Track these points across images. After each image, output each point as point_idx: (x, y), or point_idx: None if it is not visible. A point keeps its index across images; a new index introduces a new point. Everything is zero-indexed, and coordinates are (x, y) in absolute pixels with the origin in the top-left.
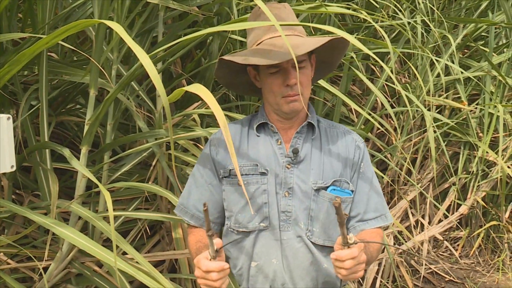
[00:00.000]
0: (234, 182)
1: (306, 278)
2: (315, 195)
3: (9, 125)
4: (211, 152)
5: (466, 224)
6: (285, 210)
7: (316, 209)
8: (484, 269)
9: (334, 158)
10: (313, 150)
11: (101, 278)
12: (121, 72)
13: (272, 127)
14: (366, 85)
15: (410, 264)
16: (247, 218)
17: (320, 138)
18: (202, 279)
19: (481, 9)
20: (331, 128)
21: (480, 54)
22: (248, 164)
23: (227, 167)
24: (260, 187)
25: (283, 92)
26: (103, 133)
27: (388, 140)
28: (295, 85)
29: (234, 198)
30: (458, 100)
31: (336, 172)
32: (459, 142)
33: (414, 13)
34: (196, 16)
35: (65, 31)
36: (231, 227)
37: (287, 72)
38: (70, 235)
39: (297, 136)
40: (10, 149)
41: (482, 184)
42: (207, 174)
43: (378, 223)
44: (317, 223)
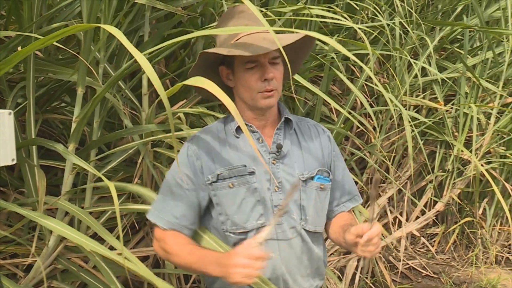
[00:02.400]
0: (224, 186)
1: (300, 267)
2: (303, 185)
3: (10, 119)
4: (189, 159)
5: (442, 221)
6: (277, 204)
7: (306, 199)
8: (458, 264)
9: (312, 149)
10: (292, 144)
11: (88, 274)
12: (108, 71)
13: (251, 127)
14: (346, 85)
15: (388, 260)
16: (243, 219)
17: (296, 132)
18: (245, 268)
19: (457, 12)
20: (301, 121)
21: (455, 56)
22: (236, 166)
23: (214, 172)
24: (251, 186)
25: (259, 87)
26: (89, 131)
27: (367, 139)
28: (272, 79)
29: (228, 201)
30: (435, 100)
31: (317, 162)
32: (436, 141)
33: (393, 16)
34: (181, 17)
35: (61, 33)
36: (227, 231)
37: (264, 67)
38: (59, 228)
39: (278, 133)
40: (11, 143)
41: (457, 182)
42: (184, 180)
43: (352, 204)
44: (309, 211)
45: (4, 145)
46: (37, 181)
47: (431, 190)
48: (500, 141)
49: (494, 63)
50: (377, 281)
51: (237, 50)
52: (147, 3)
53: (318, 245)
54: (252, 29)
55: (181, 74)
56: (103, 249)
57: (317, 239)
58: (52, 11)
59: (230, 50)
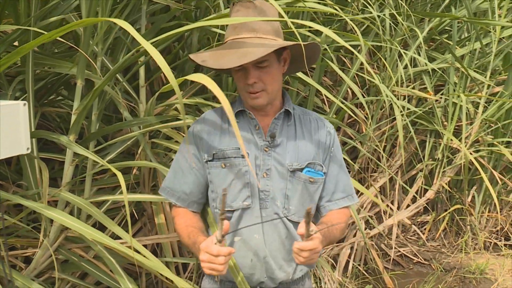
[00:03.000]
0: (218, 165)
1: (282, 251)
2: (291, 176)
3: (25, 110)
4: (195, 137)
5: (432, 209)
6: (263, 189)
7: (292, 189)
8: (448, 251)
9: (308, 142)
10: (289, 135)
11: (88, 263)
12: (105, 63)
13: (249, 114)
14: (337, 76)
15: (380, 248)
16: (231, 198)
17: (294, 124)
18: (209, 263)
19: (445, 4)
20: (304, 115)
21: (444, 47)
22: (231, 148)
23: (211, 151)
24: (242, 168)
25: (246, 88)
26: (87, 124)
27: (358, 129)
28: (255, 83)
29: (219, 180)
30: (425, 91)
31: (310, 155)
32: (426, 130)
33: (383, 7)
34: (177, 10)
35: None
36: (217, 208)
37: (247, 72)
38: (63, 218)
39: (275, 122)
40: (25, 132)
41: (447, 170)
42: (190, 159)
43: (345, 203)
44: (293, 201)
45: (19, 135)
46: (37, 174)
47: (421, 179)
48: (488, 130)
49: (482, 53)
50: (369, 268)
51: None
52: None
53: None
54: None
55: (175, 67)
56: (110, 241)
57: None
58: (50, 5)
59: (204, 61)
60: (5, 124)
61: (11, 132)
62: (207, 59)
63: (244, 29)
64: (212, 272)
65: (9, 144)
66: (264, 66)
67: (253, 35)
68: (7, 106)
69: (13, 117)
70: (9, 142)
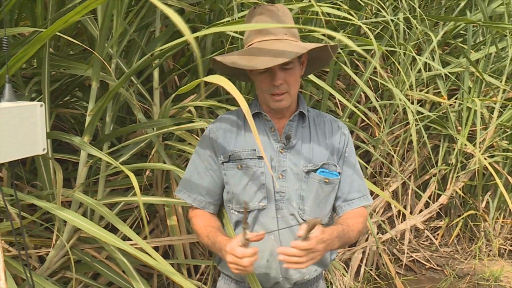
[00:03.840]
0: (234, 167)
1: None
2: (306, 177)
3: (41, 111)
4: (211, 139)
5: (445, 214)
6: (279, 190)
7: (307, 190)
8: (462, 257)
9: (322, 143)
10: (303, 137)
11: (101, 264)
12: (120, 65)
13: (265, 116)
14: (350, 80)
15: (392, 253)
16: (247, 199)
17: (309, 126)
18: (235, 264)
19: (460, 7)
20: (318, 116)
21: (459, 51)
22: (246, 149)
23: (227, 153)
24: (258, 169)
25: (270, 90)
26: (102, 125)
27: (371, 133)
28: (281, 85)
29: (235, 181)
30: (439, 95)
31: (324, 156)
32: (439, 135)
33: (397, 11)
34: (192, 13)
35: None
36: (232, 208)
37: (274, 73)
38: (76, 220)
39: (290, 124)
40: (42, 133)
41: (460, 175)
42: (206, 160)
43: (361, 203)
44: (308, 202)
45: (36, 136)
46: (51, 174)
47: (434, 184)
48: (503, 135)
49: (497, 57)
50: (381, 273)
51: (240, 62)
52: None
53: None
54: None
55: (189, 70)
56: (121, 243)
57: None
58: (66, 8)
59: (233, 62)
60: (23, 124)
61: (28, 133)
62: (236, 60)
63: (271, 31)
64: (240, 272)
65: (26, 145)
66: (290, 68)
67: (281, 37)
68: (25, 107)
69: (31, 118)
70: (26, 142)
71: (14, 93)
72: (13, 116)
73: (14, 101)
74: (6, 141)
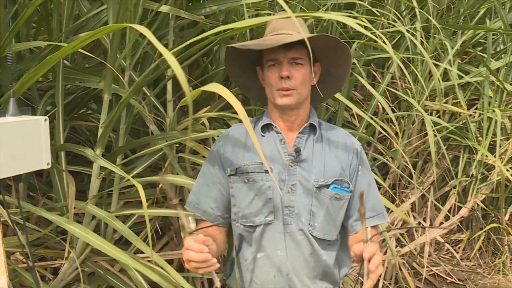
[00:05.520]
0: (240, 180)
1: (306, 268)
2: (316, 192)
3: (45, 125)
4: (219, 151)
5: (466, 227)
6: (288, 205)
7: (317, 205)
8: (485, 271)
9: (334, 158)
10: (314, 150)
11: (114, 277)
12: (133, 78)
13: (275, 127)
14: (367, 90)
15: (412, 266)
16: (253, 213)
17: (321, 139)
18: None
19: (479, 16)
20: (331, 130)
21: (478, 60)
22: (254, 162)
23: (234, 166)
24: (265, 183)
25: (277, 84)
26: (115, 138)
27: (389, 144)
28: (287, 78)
29: (241, 195)
30: (458, 105)
31: (336, 172)
32: (459, 146)
33: (414, 20)
34: (204, 25)
35: (91, 36)
36: (238, 222)
37: (282, 65)
38: (85, 235)
39: (300, 136)
40: (46, 148)
41: (482, 187)
42: (215, 173)
43: (374, 222)
44: (318, 218)
45: (40, 150)
46: (65, 186)
47: (455, 196)
48: None
49: None
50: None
51: (250, 45)
52: (171, 11)
53: (328, 252)
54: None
55: (204, 81)
56: (127, 258)
57: (328, 247)
58: (80, 21)
59: (243, 44)
60: (27, 139)
61: (33, 147)
62: (247, 44)
63: (285, 27)
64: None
65: (30, 159)
66: (299, 63)
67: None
68: (29, 122)
69: (35, 132)
70: (30, 156)
71: (18, 107)
72: (17, 131)
73: (18, 116)
74: (10, 156)
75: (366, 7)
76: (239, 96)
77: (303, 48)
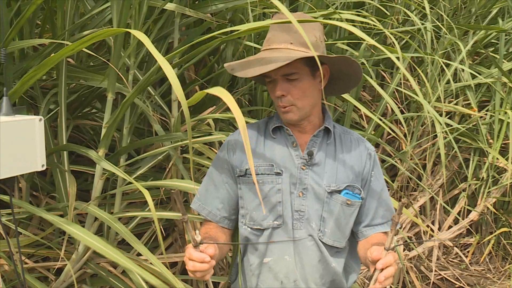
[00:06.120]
0: (249, 181)
1: (315, 275)
2: (328, 197)
3: (40, 126)
4: (228, 152)
5: (476, 231)
6: (298, 209)
7: (328, 211)
8: (495, 276)
9: (347, 163)
10: (327, 154)
11: (116, 279)
12: (138, 77)
13: (287, 130)
14: (376, 91)
15: (420, 270)
16: (261, 216)
17: (334, 143)
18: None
19: (491, 16)
20: (345, 134)
21: (490, 61)
22: (263, 164)
23: (243, 167)
24: (275, 186)
25: (276, 101)
26: (119, 137)
27: (398, 146)
28: (281, 96)
29: (249, 197)
30: (468, 107)
31: (349, 177)
32: (469, 148)
33: (424, 20)
34: (210, 23)
35: (91, 38)
36: (246, 224)
37: (275, 84)
38: (85, 237)
39: (313, 140)
40: (41, 149)
41: (492, 191)
42: (223, 173)
43: (384, 228)
44: (329, 224)
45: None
46: (68, 187)
47: (464, 199)
48: None
49: None
50: None
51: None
52: (177, 9)
53: (337, 260)
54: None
55: (210, 80)
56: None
57: (336, 254)
58: (84, 18)
59: (232, 69)
60: (21, 140)
61: (26, 148)
62: (236, 67)
63: (276, 40)
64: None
65: (23, 161)
66: (294, 79)
67: (284, 46)
68: (23, 122)
69: (29, 133)
70: (24, 158)
71: (12, 107)
72: (9, 131)
73: (11, 115)
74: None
75: (376, 5)
76: (245, 96)
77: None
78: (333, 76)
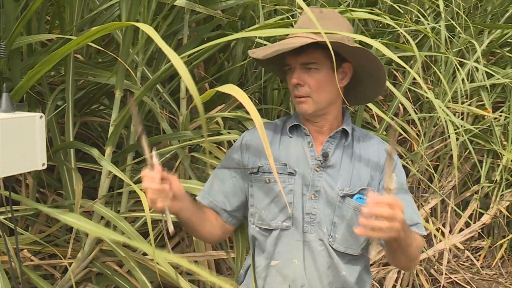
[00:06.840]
0: (261, 179)
1: (324, 281)
2: (340, 201)
3: (41, 123)
4: (242, 148)
5: (488, 234)
6: (309, 212)
7: (340, 216)
8: (507, 281)
9: (364, 167)
10: (344, 157)
11: (122, 278)
12: (146, 74)
13: (304, 129)
14: (388, 91)
15: (430, 273)
16: (270, 216)
17: (352, 146)
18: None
19: (508, 15)
20: (365, 137)
21: (506, 60)
22: (277, 163)
23: (256, 164)
24: (287, 186)
25: (293, 91)
26: (127, 135)
27: (410, 147)
28: (297, 85)
29: (260, 195)
30: (482, 108)
31: (365, 181)
32: (482, 150)
33: (438, 18)
34: (220, 20)
35: (96, 32)
36: (254, 223)
37: (293, 72)
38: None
39: (330, 141)
40: (42, 147)
41: (505, 194)
42: (233, 167)
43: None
44: (340, 229)
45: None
46: (74, 184)
47: (476, 202)
48: None
49: None
50: None
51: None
52: (186, 6)
53: (348, 268)
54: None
55: (220, 78)
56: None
57: (350, 262)
58: (92, 14)
59: (253, 52)
60: (20, 137)
61: (26, 146)
62: (257, 51)
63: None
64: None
65: (23, 159)
66: (312, 68)
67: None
68: (23, 119)
69: (29, 131)
70: (24, 156)
71: (12, 103)
72: (8, 128)
73: (11, 112)
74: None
75: (389, 4)
76: (255, 94)
77: (318, 50)
78: (356, 78)
